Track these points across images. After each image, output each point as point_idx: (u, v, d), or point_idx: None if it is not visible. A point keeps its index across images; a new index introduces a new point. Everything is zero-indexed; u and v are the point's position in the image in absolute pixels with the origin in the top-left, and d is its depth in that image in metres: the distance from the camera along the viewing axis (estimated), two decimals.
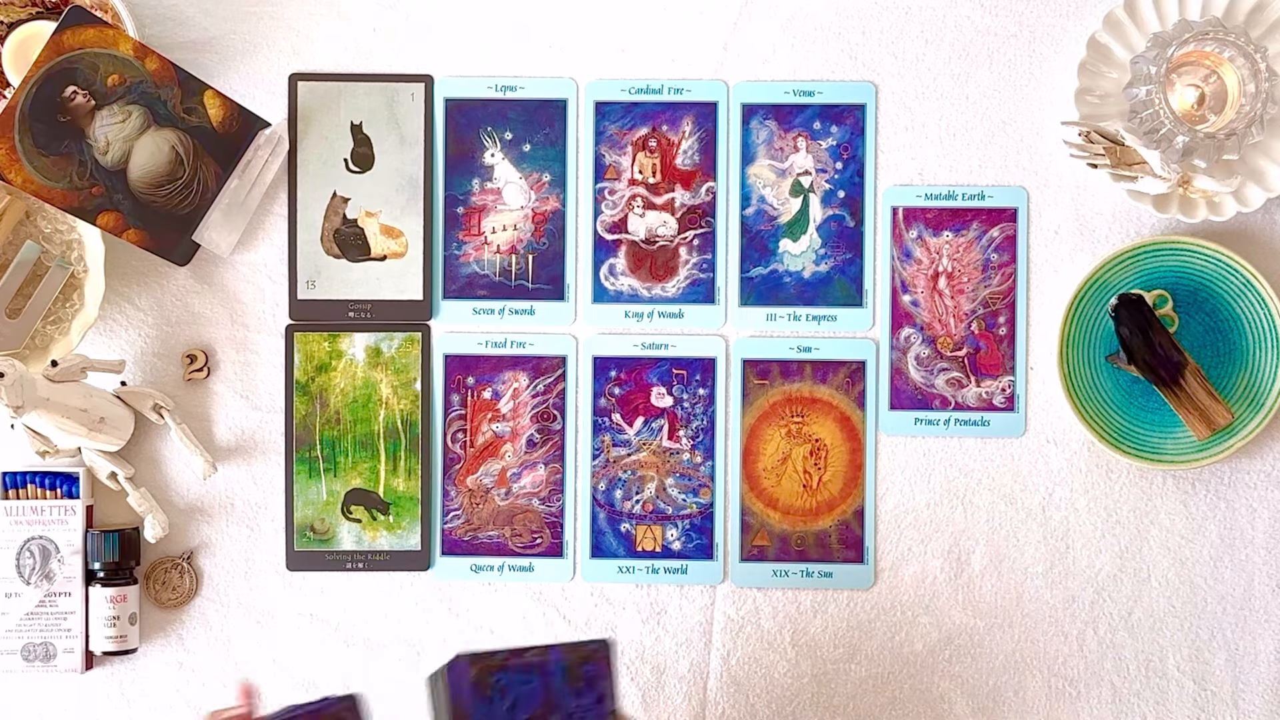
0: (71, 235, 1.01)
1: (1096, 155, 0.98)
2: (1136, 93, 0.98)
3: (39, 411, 0.92)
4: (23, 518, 1.00)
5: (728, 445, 1.03)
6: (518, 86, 1.04)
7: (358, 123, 1.04)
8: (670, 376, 1.03)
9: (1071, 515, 1.03)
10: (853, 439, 1.03)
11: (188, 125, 0.99)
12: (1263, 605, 1.03)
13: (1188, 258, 1.01)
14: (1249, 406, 1.01)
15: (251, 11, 1.04)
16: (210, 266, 1.04)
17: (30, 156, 0.95)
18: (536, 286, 1.04)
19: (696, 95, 1.04)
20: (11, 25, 1.00)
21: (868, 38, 1.04)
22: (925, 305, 1.03)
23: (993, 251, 1.03)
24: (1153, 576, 1.03)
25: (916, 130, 1.04)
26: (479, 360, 1.04)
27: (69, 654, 0.99)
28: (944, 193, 1.03)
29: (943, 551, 1.03)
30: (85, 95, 0.96)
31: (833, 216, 1.04)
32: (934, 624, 1.03)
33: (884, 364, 1.03)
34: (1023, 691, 1.03)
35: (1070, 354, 1.01)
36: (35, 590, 1.00)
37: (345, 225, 1.04)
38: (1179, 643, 1.03)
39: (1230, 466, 1.03)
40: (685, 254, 1.04)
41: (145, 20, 1.02)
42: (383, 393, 1.03)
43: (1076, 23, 1.04)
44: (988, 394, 1.03)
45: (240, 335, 1.03)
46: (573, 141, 1.04)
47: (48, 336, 1.01)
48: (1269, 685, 1.02)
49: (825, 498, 1.03)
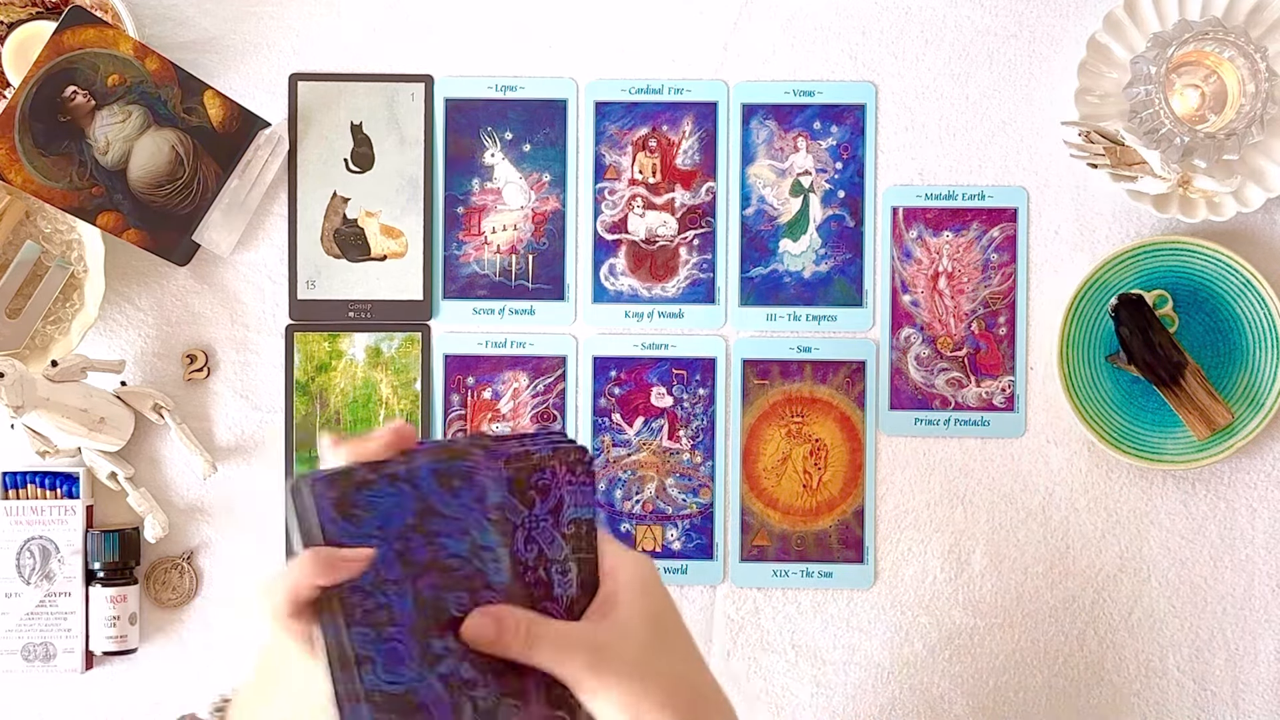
0: (71, 235, 1.01)
1: (1096, 155, 0.98)
2: (1136, 93, 0.98)
3: (39, 411, 0.92)
4: (23, 518, 1.00)
5: (728, 445, 1.03)
6: (518, 86, 1.04)
7: (358, 123, 1.04)
8: (670, 376, 1.03)
9: (1071, 515, 1.03)
10: (853, 439, 1.03)
11: (188, 125, 0.99)
12: (1263, 605, 1.03)
13: (1188, 258, 1.01)
14: (1249, 406, 1.01)
15: (251, 11, 1.04)
16: (210, 266, 1.04)
17: (30, 156, 0.95)
18: (536, 286, 1.04)
19: (696, 95, 1.04)
20: (11, 25, 1.00)
21: (868, 38, 1.04)
22: (925, 305, 1.03)
23: (993, 251, 1.03)
24: (1153, 576, 1.03)
25: (916, 130, 1.04)
26: (479, 360, 1.04)
27: (69, 654, 0.99)
28: (944, 193, 1.03)
29: (943, 551, 1.03)
30: (85, 95, 0.96)
31: (833, 216, 1.04)
32: (934, 624, 1.03)
33: (884, 364, 1.03)
34: (1023, 691, 1.03)
35: (1070, 354, 1.01)
36: (35, 590, 1.00)
37: (345, 225, 1.04)
38: (1179, 643, 1.03)
39: (1230, 466, 1.03)
40: (685, 254, 1.04)
41: (145, 20, 1.02)
42: (383, 393, 1.03)
43: (1076, 23, 1.04)
44: (988, 394, 1.03)
45: (240, 335, 1.03)
46: (573, 141, 1.04)
47: (48, 336, 1.01)
48: (1269, 685, 1.02)
49: (825, 498, 1.03)
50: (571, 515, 0.64)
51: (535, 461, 0.63)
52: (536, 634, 0.60)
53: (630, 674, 0.60)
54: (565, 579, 0.63)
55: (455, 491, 0.61)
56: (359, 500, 0.59)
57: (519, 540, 0.62)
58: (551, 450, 0.63)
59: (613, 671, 0.59)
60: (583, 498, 0.64)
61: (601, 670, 0.59)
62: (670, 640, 0.63)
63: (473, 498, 0.61)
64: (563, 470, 0.63)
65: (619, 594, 0.62)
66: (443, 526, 0.60)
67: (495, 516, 0.62)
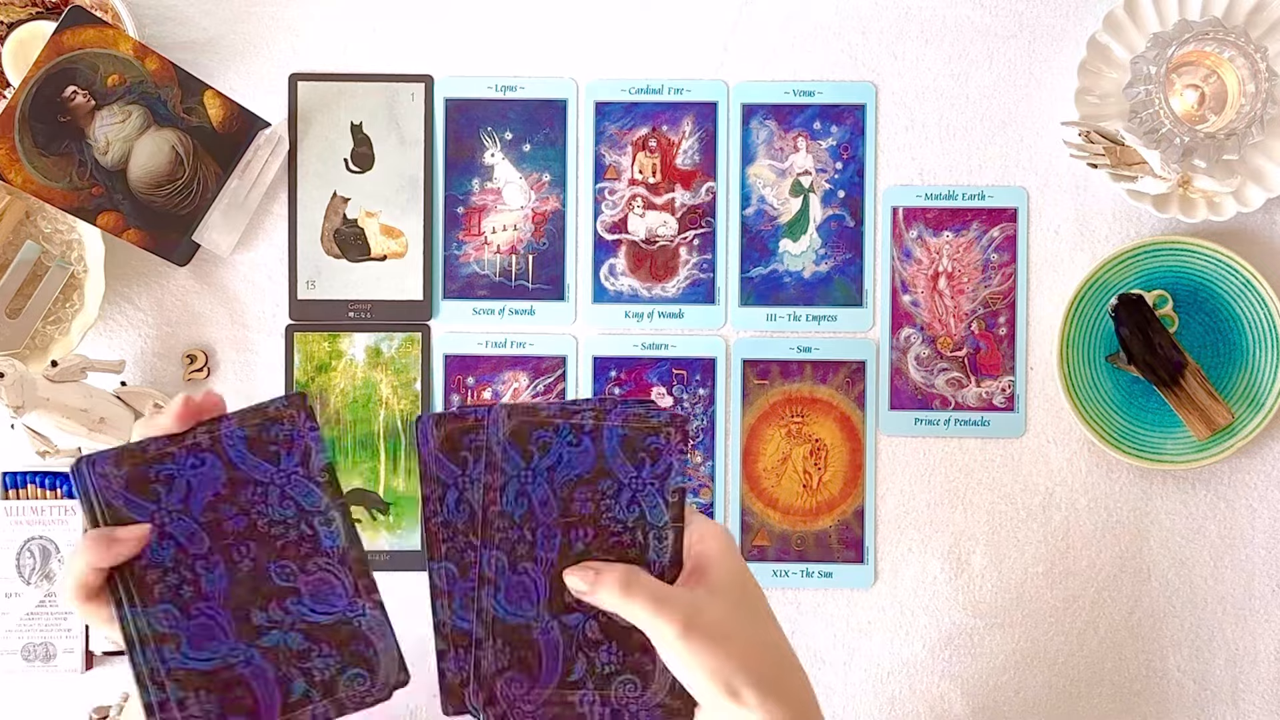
0: (71, 235, 1.01)
1: (1096, 155, 0.98)
2: (1136, 93, 0.98)
3: (39, 411, 0.92)
4: (23, 518, 1.00)
5: (728, 445, 1.03)
6: (518, 86, 1.04)
7: (358, 123, 1.04)
8: (670, 376, 1.03)
9: (1071, 515, 1.03)
10: (853, 439, 1.03)
11: (188, 125, 0.99)
12: (1263, 605, 1.03)
13: (1188, 258, 1.01)
14: (1249, 406, 1.01)
15: (251, 11, 1.04)
16: (210, 266, 1.04)
17: (30, 156, 0.95)
18: (536, 286, 1.04)
19: (696, 95, 1.04)
20: (11, 25, 1.00)
21: (868, 38, 1.04)
22: (925, 305, 1.03)
23: (993, 251, 1.03)
24: (1153, 576, 1.03)
25: (916, 130, 1.04)
26: (479, 360, 1.04)
27: (69, 654, 0.99)
28: (944, 193, 1.03)
29: (943, 551, 1.03)
30: (85, 95, 0.96)
31: (833, 216, 1.04)
32: (934, 624, 1.03)
33: (884, 364, 1.03)
34: (1023, 691, 1.03)
35: (1070, 354, 1.01)
36: (35, 590, 1.00)
37: (345, 225, 1.04)
38: (1179, 643, 1.03)
39: (1230, 466, 1.03)
40: (685, 254, 1.04)
41: (145, 20, 1.02)
42: (383, 393, 1.03)
43: (1076, 23, 1.04)
44: (988, 394, 1.03)
45: (240, 335, 1.03)
46: (573, 141, 1.04)
47: (48, 336, 1.01)
48: (1269, 685, 1.02)
49: (825, 498, 1.03)
50: (677, 483, 0.63)
51: (652, 425, 0.62)
52: (637, 583, 0.60)
53: (721, 640, 0.60)
54: (662, 545, 0.63)
55: (273, 457, 0.59)
56: (156, 475, 0.58)
57: (579, 500, 0.61)
58: (670, 416, 0.63)
59: (706, 635, 0.60)
60: (680, 466, 0.63)
61: (695, 633, 0.60)
62: (759, 609, 0.64)
63: (295, 461, 0.60)
64: (677, 437, 0.63)
65: (711, 562, 0.63)
66: (260, 494, 0.59)
67: (324, 479, 0.60)
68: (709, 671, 0.60)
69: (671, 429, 0.63)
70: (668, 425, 0.62)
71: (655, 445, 0.62)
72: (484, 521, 0.58)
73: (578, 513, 0.60)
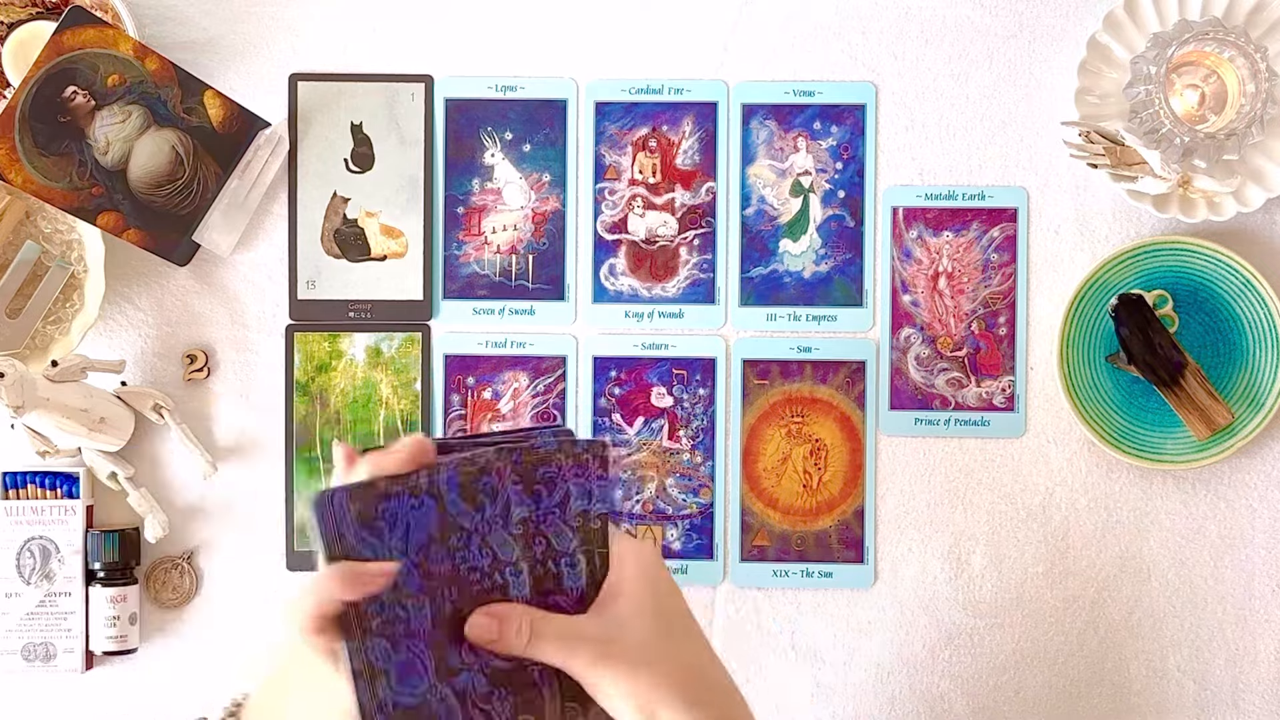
0: (71, 235, 1.01)
1: (1096, 155, 0.98)
2: (1136, 93, 0.98)
3: (39, 411, 0.92)
4: (23, 518, 1.00)
5: (728, 445, 1.03)
6: (518, 86, 1.04)
7: (358, 123, 1.04)
8: (670, 376, 1.03)
9: (1071, 515, 1.03)
10: (853, 439, 1.03)
11: (188, 125, 0.99)
12: (1263, 605, 1.03)
13: (1188, 258, 1.01)
14: (1249, 406, 1.01)
15: (251, 11, 1.04)
16: (210, 266, 1.04)
17: (30, 156, 0.95)
18: (536, 286, 1.04)
19: (696, 95, 1.04)
20: (11, 25, 1.00)
21: (868, 38, 1.04)
22: (925, 305, 1.03)
23: (993, 251, 1.03)
24: (1153, 576, 1.03)
25: (916, 130, 1.04)
26: (479, 360, 1.04)
27: (69, 654, 0.99)
28: (944, 193, 1.03)
29: (943, 551, 1.03)
30: (85, 95, 0.96)
31: (833, 216, 1.04)
32: (934, 624, 1.03)
33: (884, 364, 1.03)
34: (1023, 691, 1.03)
35: (1070, 354, 1.01)
36: (35, 590, 1.00)
37: (345, 225, 1.04)
38: (1179, 643, 1.03)
39: (1230, 466, 1.03)
40: (685, 254, 1.04)
41: (145, 20, 1.02)
42: (383, 393, 1.03)
43: (1076, 23, 1.04)
44: (988, 394, 1.03)
45: (240, 335, 1.03)
46: (573, 141, 1.04)
47: (48, 336, 1.01)
48: (1269, 685, 1.02)
49: (825, 498, 1.03)
50: (579, 508, 0.63)
51: (540, 455, 0.63)
52: (539, 630, 0.59)
53: (636, 663, 0.59)
54: (575, 571, 0.63)
55: (479, 506, 0.61)
56: (382, 513, 0.59)
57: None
58: (557, 445, 0.63)
59: (619, 662, 0.59)
60: (598, 491, 0.64)
61: (607, 662, 0.59)
62: (676, 629, 0.63)
63: (496, 512, 0.61)
64: (569, 463, 0.63)
65: (623, 584, 0.62)
66: (464, 540, 0.61)
67: (518, 531, 0.62)
68: (624, 696, 0.59)
69: (561, 455, 0.63)
70: (556, 453, 0.63)
71: (548, 475, 0.62)
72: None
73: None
